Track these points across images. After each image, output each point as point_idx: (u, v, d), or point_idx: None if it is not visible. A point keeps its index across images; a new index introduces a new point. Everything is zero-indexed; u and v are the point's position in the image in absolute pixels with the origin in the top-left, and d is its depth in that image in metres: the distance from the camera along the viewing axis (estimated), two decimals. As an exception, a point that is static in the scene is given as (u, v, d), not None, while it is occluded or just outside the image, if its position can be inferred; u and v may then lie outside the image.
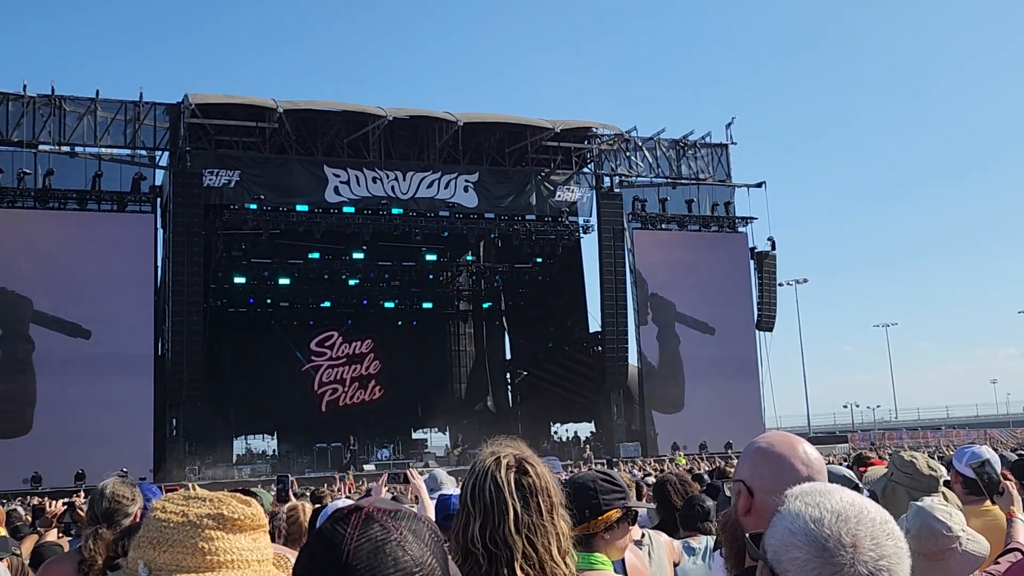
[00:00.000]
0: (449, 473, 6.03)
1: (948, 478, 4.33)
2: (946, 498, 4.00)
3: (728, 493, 2.21)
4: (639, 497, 7.10)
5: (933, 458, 9.57)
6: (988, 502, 4.25)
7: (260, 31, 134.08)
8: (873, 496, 4.39)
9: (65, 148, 33.53)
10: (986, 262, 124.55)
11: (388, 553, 1.42)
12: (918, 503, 3.42)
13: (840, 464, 7.28)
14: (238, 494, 1.67)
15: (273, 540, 4.73)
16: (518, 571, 2.15)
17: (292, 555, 2.06)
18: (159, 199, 34.97)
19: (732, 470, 3.15)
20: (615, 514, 3.01)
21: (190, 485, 1.70)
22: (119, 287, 33.02)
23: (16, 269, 32.13)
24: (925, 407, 73.40)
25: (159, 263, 34.73)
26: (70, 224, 33.36)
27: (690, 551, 4.87)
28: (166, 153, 35.02)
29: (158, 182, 35.20)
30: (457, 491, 4.00)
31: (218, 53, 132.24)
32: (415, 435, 44.72)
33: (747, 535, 1.84)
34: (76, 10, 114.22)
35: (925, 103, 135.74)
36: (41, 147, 33.12)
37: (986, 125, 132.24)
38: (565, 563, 2.23)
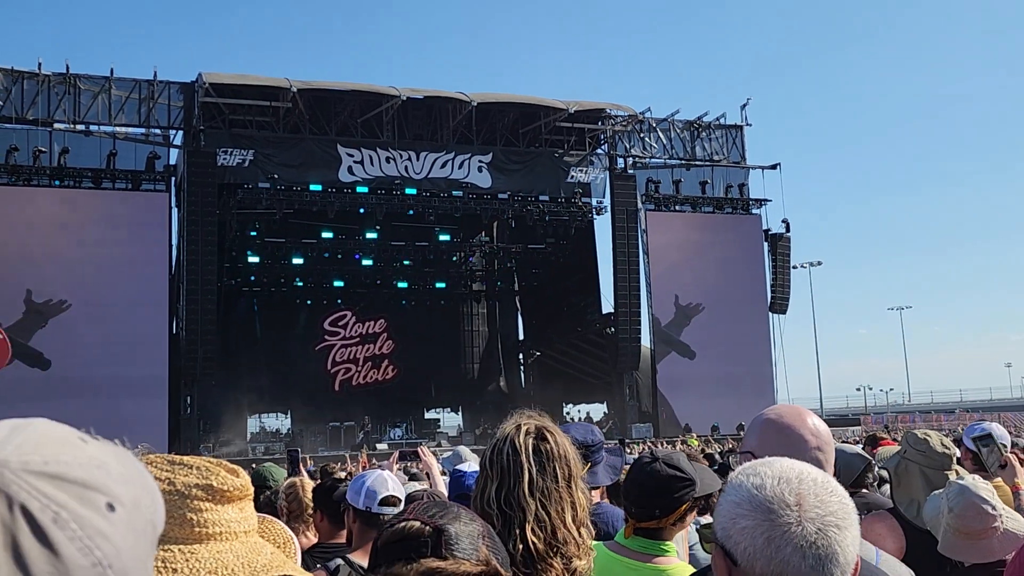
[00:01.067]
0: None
1: (958, 455, 4.34)
2: (959, 475, 4.02)
3: (736, 466, 2.23)
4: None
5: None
6: (998, 479, 4.27)
7: (274, 10, 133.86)
8: (886, 473, 4.41)
9: (80, 126, 33.64)
10: (1001, 246, 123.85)
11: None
12: (960, 481, 3.42)
13: (853, 445, 7.27)
14: (225, 463, 1.64)
15: (276, 517, 4.74)
16: (529, 533, 2.17)
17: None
18: (173, 178, 35.08)
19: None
20: (685, 507, 3.03)
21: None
22: (134, 265, 33.21)
23: (29, 246, 32.28)
24: (939, 390, 73.27)
25: (173, 242, 34.89)
26: (85, 202, 33.52)
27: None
28: (180, 132, 35.09)
29: (172, 161, 35.31)
30: (474, 468, 4.03)
31: (232, 32, 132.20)
32: (428, 415, 44.88)
33: (697, 528, 1.84)
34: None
35: (944, 87, 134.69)
36: (56, 125, 33.22)
37: (1005, 112, 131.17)
38: (580, 533, 2.26)
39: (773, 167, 42.69)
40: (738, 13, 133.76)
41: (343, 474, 5.21)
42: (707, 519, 4.83)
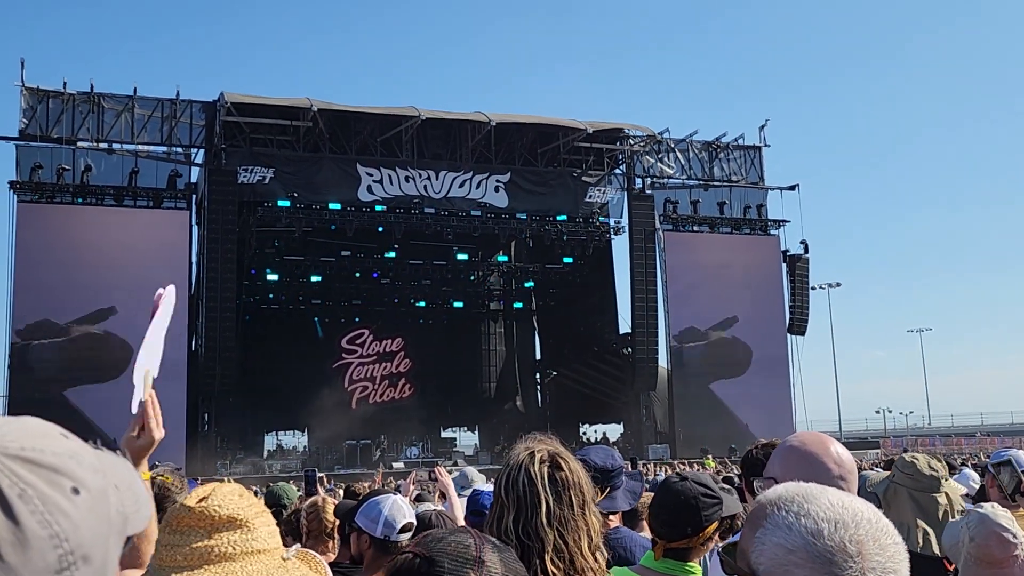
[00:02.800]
0: (481, 471, 6.07)
1: (947, 478, 4.31)
2: (949, 498, 4.00)
3: (759, 492, 2.22)
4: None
5: (966, 465, 9.46)
6: (1021, 508, 4.25)
7: (295, 31, 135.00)
8: (875, 498, 4.39)
9: (103, 144, 33.99)
10: (1022, 267, 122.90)
11: (512, 560, 1.61)
12: (980, 510, 3.39)
13: (872, 469, 7.23)
14: (228, 483, 1.65)
15: (297, 537, 4.74)
16: (548, 564, 2.18)
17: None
18: (194, 196, 35.35)
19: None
20: (713, 527, 3.01)
21: (225, 478, 1.72)
22: (154, 282, 33.35)
23: (55, 263, 32.53)
24: (959, 413, 72.50)
25: (193, 259, 35.10)
26: (107, 219, 33.78)
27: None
28: (201, 150, 35.40)
29: (193, 179, 35.59)
30: (488, 487, 4.03)
31: (254, 52, 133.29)
32: (444, 434, 44.82)
33: (720, 547, 1.78)
34: (115, 8, 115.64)
35: (963, 107, 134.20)
36: (80, 143, 33.58)
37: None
38: (595, 559, 2.26)
39: (792, 188, 42.66)
40: (756, 34, 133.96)
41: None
42: (725, 540, 4.82)
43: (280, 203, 35.25)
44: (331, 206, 36.03)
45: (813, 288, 44.35)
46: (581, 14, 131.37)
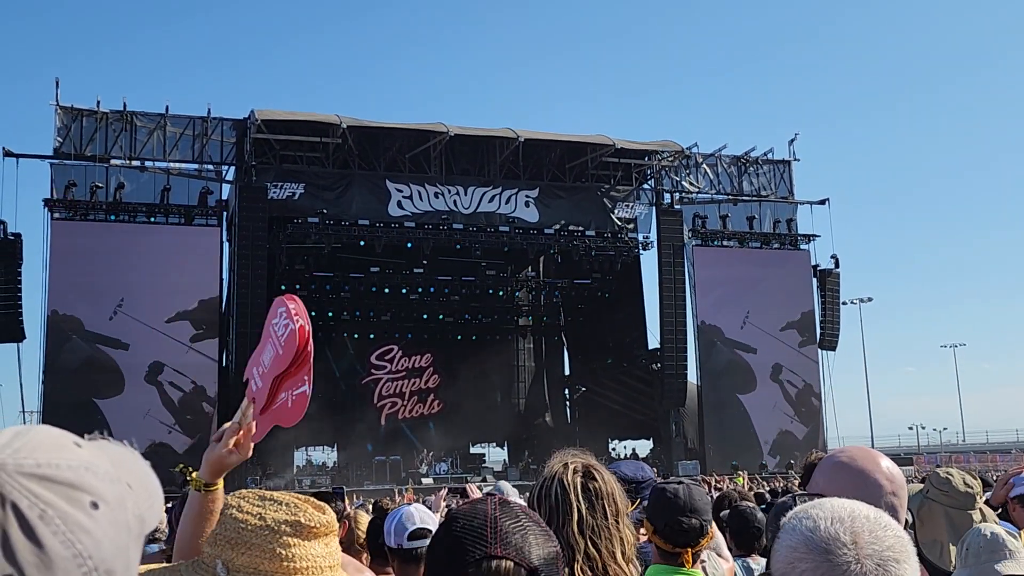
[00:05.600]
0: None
1: (981, 494, 4.26)
2: (983, 515, 3.95)
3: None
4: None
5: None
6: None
7: (323, 48, 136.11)
8: (908, 513, 4.33)
9: (136, 162, 34.40)
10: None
11: (527, 528, 1.58)
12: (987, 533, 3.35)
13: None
14: (312, 499, 1.70)
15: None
16: (578, 571, 2.19)
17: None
18: (225, 213, 35.68)
19: (796, 486, 3.17)
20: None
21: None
22: (186, 298, 33.78)
23: (87, 280, 32.94)
24: (994, 430, 71.46)
25: (224, 276, 35.40)
26: (139, 236, 34.16)
27: (748, 572, 4.64)
28: (232, 168, 35.74)
29: (224, 196, 35.92)
30: (520, 503, 4.04)
31: (284, 70, 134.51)
32: (473, 449, 44.78)
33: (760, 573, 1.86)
34: (148, 28, 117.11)
35: (1000, 125, 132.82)
36: (113, 161, 33.99)
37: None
38: (628, 570, 2.27)
39: (822, 202, 42.39)
40: (786, 48, 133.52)
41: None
42: (756, 561, 4.76)
43: (310, 220, 35.53)
44: (360, 222, 36.26)
45: (844, 303, 44.03)
46: (609, 30, 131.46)
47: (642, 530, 3.65)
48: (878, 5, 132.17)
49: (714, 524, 3.47)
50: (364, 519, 5.16)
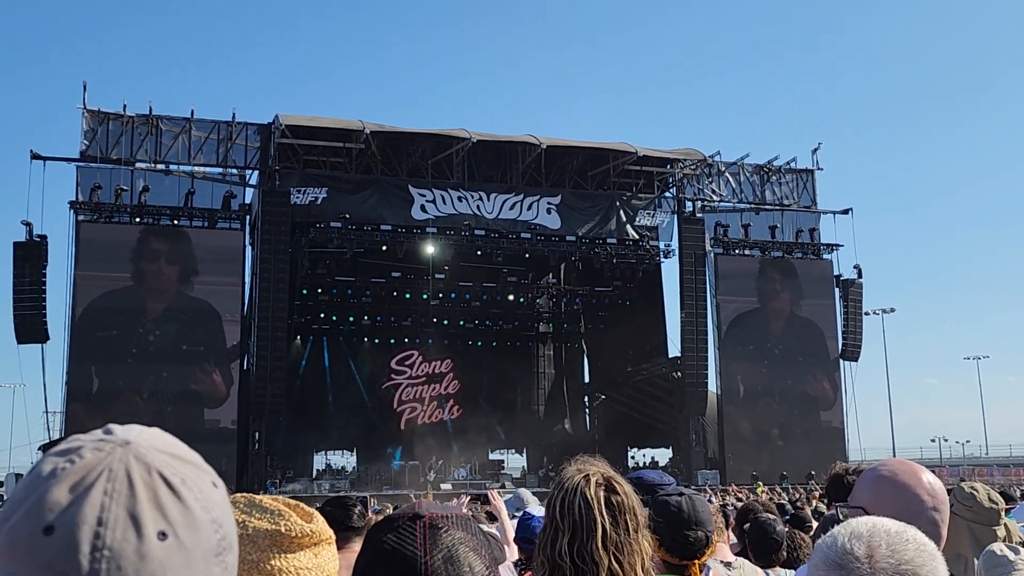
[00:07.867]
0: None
1: (1003, 510, 4.21)
2: (1008, 529, 3.90)
3: (843, 519, 2.18)
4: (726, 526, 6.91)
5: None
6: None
7: (347, 53, 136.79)
8: None
9: (160, 166, 34.64)
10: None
11: (463, 559, 1.36)
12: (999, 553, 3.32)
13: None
14: (301, 506, 1.64)
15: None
16: None
17: None
18: (248, 216, 35.85)
19: (816, 500, 3.14)
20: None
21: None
22: (209, 302, 33.98)
23: (107, 281, 33.19)
24: (1018, 444, 70.70)
25: (247, 279, 35.56)
26: (163, 239, 34.36)
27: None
28: (256, 172, 35.92)
29: (247, 200, 36.09)
30: (540, 511, 4.02)
31: (307, 74, 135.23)
32: (492, 456, 44.74)
33: None
34: (173, 33, 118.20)
35: (1021, 131, 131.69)
36: (138, 164, 34.24)
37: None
38: None
39: (845, 212, 42.12)
40: (810, 58, 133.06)
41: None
42: (777, 573, 4.70)
43: (332, 224, 35.65)
44: (382, 227, 36.36)
45: (867, 313, 43.69)
46: (631, 40, 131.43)
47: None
48: (902, 15, 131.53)
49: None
50: None
